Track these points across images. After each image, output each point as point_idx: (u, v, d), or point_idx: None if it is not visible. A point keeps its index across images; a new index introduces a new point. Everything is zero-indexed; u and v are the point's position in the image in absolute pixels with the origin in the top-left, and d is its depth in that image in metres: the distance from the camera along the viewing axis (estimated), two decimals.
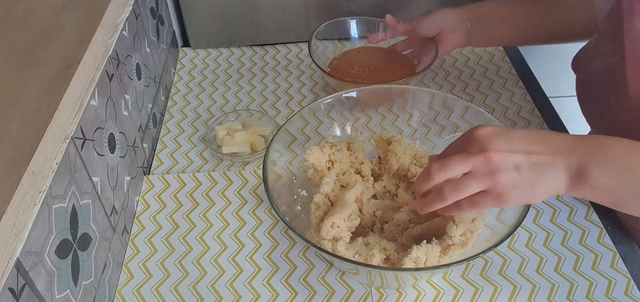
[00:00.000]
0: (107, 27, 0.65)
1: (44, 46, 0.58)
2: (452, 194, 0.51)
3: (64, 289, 0.50)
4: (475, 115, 0.68)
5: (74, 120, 0.54)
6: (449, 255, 0.57)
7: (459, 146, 0.53)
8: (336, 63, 0.93)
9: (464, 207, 0.52)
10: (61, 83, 0.53)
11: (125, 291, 0.64)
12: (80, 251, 0.54)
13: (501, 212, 0.62)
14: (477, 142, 0.50)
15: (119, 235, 0.66)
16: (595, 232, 0.67)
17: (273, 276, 0.65)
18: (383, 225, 0.65)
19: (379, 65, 0.91)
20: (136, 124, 0.76)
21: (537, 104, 0.88)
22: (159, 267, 0.66)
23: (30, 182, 0.44)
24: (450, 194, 0.51)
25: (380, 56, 0.94)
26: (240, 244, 0.69)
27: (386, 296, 0.62)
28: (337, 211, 0.61)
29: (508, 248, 0.66)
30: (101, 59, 0.63)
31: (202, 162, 0.82)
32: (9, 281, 0.41)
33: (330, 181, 0.66)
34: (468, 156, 0.50)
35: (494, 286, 0.62)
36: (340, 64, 0.92)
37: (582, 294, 0.61)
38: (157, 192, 0.76)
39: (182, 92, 0.97)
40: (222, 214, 0.73)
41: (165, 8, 0.99)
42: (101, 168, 0.61)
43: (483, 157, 0.49)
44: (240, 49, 1.07)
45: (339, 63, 0.93)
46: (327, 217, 0.61)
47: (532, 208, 0.70)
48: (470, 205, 0.52)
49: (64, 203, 0.51)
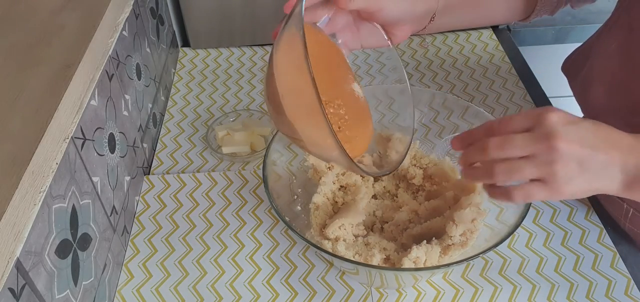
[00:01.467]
0: (107, 27, 0.65)
1: (44, 46, 0.58)
2: (503, 175, 0.47)
3: (64, 289, 0.50)
4: (475, 115, 0.68)
5: (74, 120, 0.54)
6: (449, 255, 0.57)
7: (522, 122, 0.47)
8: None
9: (514, 197, 0.48)
10: (61, 83, 0.53)
11: (125, 291, 0.64)
12: (80, 251, 0.54)
13: (501, 212, 0.62)
14: (546, 126, 0.45)
15: (119, 235, 0.66)
16: (595, 232, 0.67)
17: (273, 276, 0.65)
18: (383, 225, 0.65)
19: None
20: (136, 124, 0.76)
21: (537, 104, 0.88)
22: (159, 267, 0.66)
23: (30, 182, 0.44)
24: (501, 174, 0.47)
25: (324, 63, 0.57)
26: (240, 244, 0.69)
27: (386, 296, 0.62)
28: (349, 215, 0.61)
29: (508, 248, 0.66)
30: (101, 59, 0.63)
31: (202, 162, 0.82)
32: (9, 281, 0.41)
33: (329, 181, 0.67)
34: (533, 141, 0.45)
35: (494, 286, 0.62)
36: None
37: (582, 294, 0.61)
38: (157, 192, 0.76)
39: (182, 92, 0.97)
40: (222, 214, 0.73)
41: (165, 8, 0.99)
42: (101, 168, 0.61)
43: (548, 145, 0.44)
44: (240, 49, 1.07)
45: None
46: (337, 217, 0.61)
47: (532, 208, 0.70)
48: (523, 196, 0.47)
49: (64, 203, 0.51)
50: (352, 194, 0.66)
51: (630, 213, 0.65)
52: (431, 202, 0.65)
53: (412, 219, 0.64)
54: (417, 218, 0.64)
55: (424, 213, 0.64)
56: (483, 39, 1.06)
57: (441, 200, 0.64)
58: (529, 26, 1.14)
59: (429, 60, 1.01)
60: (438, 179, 0.68)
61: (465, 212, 0.58)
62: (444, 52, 1.03)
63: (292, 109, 0.47)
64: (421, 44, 1.05)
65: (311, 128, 0.47)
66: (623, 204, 0.65)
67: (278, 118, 0.49)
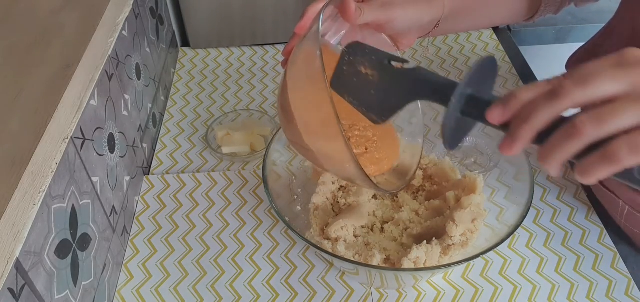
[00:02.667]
0: (106, 27, 0.65)
1: (43, 46, 0.58)
2: (592, 127, 0.33)
3: (63, 290, 0.50)
4: None
5: (74, 120, 0.54)
6: (449, 255, 0.57)
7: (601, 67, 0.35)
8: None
9: (620, 155, 0.33)
10: (61, 83, 0.53)
11: (125, 291, 0.64)
12: (79, 251, 0.54)
13: (501, 212, 0.62)
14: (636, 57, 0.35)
15: (118, 235, 0.66)
16: (595, 233, 0.67)
17: (273, 276, 0.65)
18: (383, 225, 0.65)
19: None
20: (136, 124, 0.76)
21: None
22: (159, 267, 0.66)
23: (29, 182, 0.44)
24: (590, 126, 0.33)
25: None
26: (240, 244, 0.69)
27: (386, 296, 0.62)
28: (353, 217, 0.61)
29: (508, 248, 0.66)
30: (101, 59, 0.63)
31: (202, 162, 0.82)
32: (8, 281, 0.41)
33: (328, 181, 0.66)
34: (623, 69, 0.34)
35: (495, 286, 0.62)
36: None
37: (582, 294, 0.61)
38: (156, 193, 0.76)
39: (181, 92, 0.97)
40: (222, 214, 0.73)
41: (165, 8, 0.99)
42: (101, 168, 0.61)
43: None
44: (240, 49, 1.07)
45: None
46: (341, 218, 0.61)
47: (533, 208, 0.70)
48: (630, 149, 0.32)
49: (64, 203, 0.51)
50: (355, 196, 0.66)
51: (626, 211, 0.65)
52: (431, 203, 0.65)
53: (413, 219, 0.64)
54: (418, 218, 0.64)
55: (424, 213, 0.64)
56: (483, 39, 1.06)
57: (441, 200, 0.64)
58: (529, 26, 1.14)
59: (429, 60, 1.01)
60: (438, 179, 0.68)
61: (466, 212, 0.58)
62: (444, 52, 1.03)
63: (311, 133, 0.47)
64: (421, 44, 1.05)
65: (331, 151, 0.46)
66: (619, 201, 0.65)
67: (296, 139, 0.49)
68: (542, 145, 0.36)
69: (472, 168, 0.71)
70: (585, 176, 0.34)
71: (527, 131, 0.36)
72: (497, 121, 0.37)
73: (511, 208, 0.60)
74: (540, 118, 0.35)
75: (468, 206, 0.59)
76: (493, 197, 0.65)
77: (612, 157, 0.33)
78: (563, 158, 0.35)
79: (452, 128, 0.40)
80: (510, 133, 0.36)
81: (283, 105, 0.48)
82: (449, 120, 0.40)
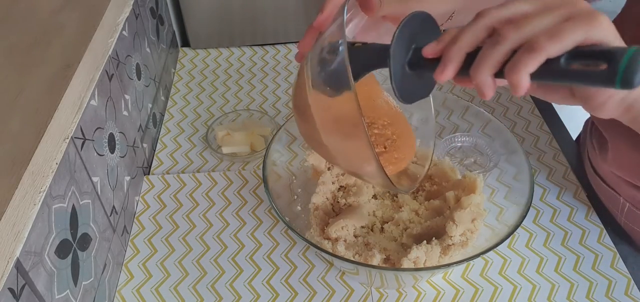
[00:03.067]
0: (107, 27, 0.65)
1: (44, 46, 0.58)
2: (513, 30, 0.36)
3: (63, 289, 0.50)
4: (475, 115, 0.68)
5: (74, 120, 0.54)
6: (449, 255, 0.57)
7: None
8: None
9: (540, 42, 0.35)
10: (61, 83, 0.53)
11: (125, 291, 0.64)
12: (80, 251, 0.54)
13: (501, 212, 0.62)
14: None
15: (118, 235, 0.66)
16: (595, 233, 0.67)
17: (273, 276, 0.65)
18: (383, 225, 0.65)
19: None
20: (136, 124, 0.76)
21: (537, 104, 0.88)
22: (159, 267, 0.66)
23: (30, 182, 0.44)
24: (511, 31, 0.36)
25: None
26: (240, 244, 0.69)
27: (386, 296, 0.62)
28: (354, 217, 0.61)
29: (508, 248, 0.66)
30: (101, 59, 0.63)
31: (202, 162, 0.82)
32: (8, 281, 0.41)
33: (328, 181, 0.66)
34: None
35: (494, 286, 0.62)
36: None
37: (582, 294, 0.61)
38: (157, 193, 0.76)
39: (182, 92, 0.97)
40: (222, 214, 0.73)
41: (165, 8, 0.99)
42: (101, 168, 0.61)
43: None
44: (240, 49, 1.07)
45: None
46: (341, 218, 0.61)
47: (532, 208, 0.70)
48: (549, 37, 0.35)
49: (64, 203, 0.51)
50: (355, 196, 0.66)
51: (626, 208, 0.65)
52: (431, 202, 0.65)
53: (412, 219, 0.64)
54: (417, 218, 0.64)
55: (424, 213, 0.64)
56: None
57: (441, 200, 0.64)
58: None
59: None
60: (438, 179, 0.68)
61: (466, 212, 0.58)
62: None
63: (331, 131, 0.46)
64: None
65: (351, 149, 0.46)
66: (619, 198, 0.65)
67: (311, 134, 0.48)
68: (473, 61, 0.38)
69: (471, 168, 0.71)
70: (513, 72, 0.35)
71: (455, 52, 0.38)
72: (431, 54, 0.40)
73: (511, 208, 0.60)
74: (466, 39, 0.38)
75: (468, 205, 0.59)
76: (493, 197, 0.65)
77: (535, 46, 0.35)
78: (492, 64, 0.37)
79: (400, 80, 0.41)
80: (442, 59, 0.39)
81: (299, 101, 0.48)
82: (396, 73, 0.41)
